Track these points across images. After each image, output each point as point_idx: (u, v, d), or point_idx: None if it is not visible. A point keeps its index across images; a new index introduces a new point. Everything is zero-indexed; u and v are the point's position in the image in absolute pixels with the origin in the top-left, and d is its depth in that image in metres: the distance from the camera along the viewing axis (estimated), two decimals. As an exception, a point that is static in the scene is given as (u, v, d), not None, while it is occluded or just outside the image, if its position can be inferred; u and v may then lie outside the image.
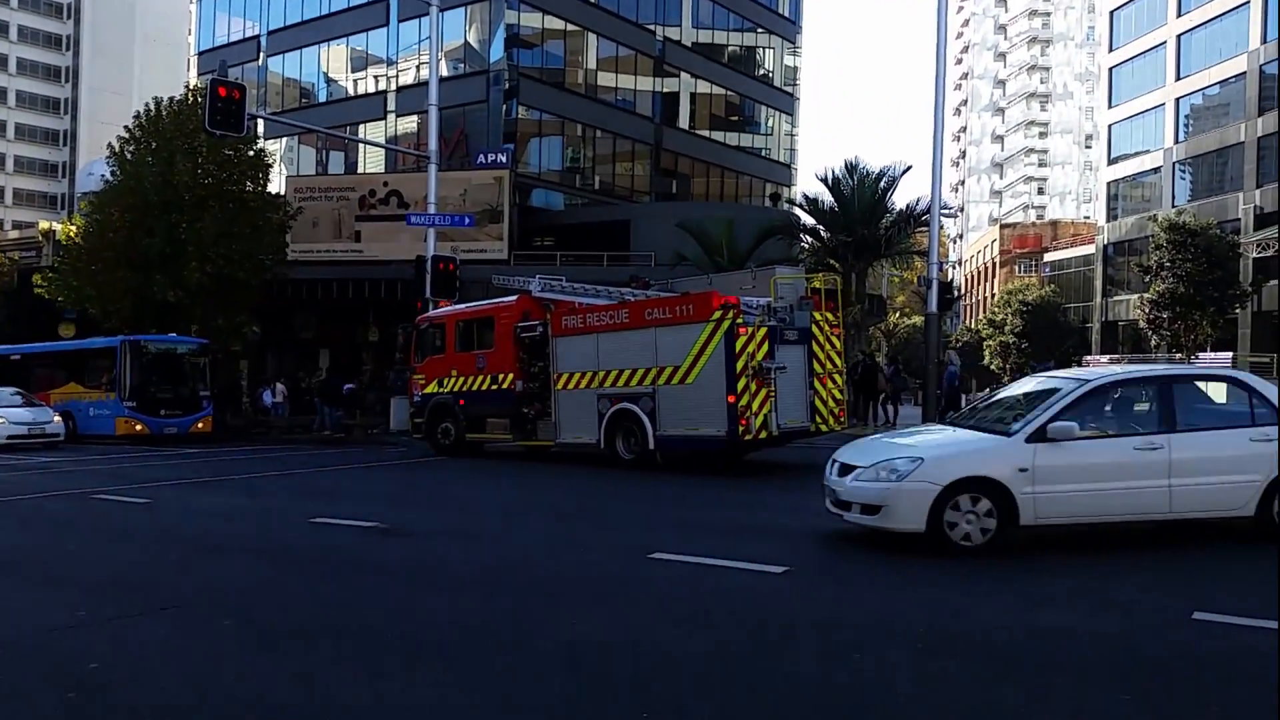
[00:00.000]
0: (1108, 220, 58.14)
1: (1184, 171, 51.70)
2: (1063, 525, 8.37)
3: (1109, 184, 58.06)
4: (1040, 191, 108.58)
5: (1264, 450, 8.09)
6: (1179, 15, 51.40)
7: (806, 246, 30.95)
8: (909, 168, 29.16)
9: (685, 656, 5.38)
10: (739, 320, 14.42)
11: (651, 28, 46.22)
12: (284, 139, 46.38)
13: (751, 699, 4.64)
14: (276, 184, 37.94)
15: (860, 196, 28.55)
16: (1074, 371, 10.12)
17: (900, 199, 63.33)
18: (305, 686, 5.02)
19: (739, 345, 14.29)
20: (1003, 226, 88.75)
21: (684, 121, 48.60)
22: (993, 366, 64.52)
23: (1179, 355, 43.46)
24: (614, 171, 46.08)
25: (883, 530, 8.28)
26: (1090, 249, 62.60)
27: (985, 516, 7.97)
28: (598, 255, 36.20)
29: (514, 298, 18.57)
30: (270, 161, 33.94)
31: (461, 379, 19.10)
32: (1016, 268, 78.13)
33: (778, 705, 4.54)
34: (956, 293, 68.98)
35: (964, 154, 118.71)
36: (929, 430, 10.77)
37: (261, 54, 48.17)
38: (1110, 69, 58.06)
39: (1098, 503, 8.10)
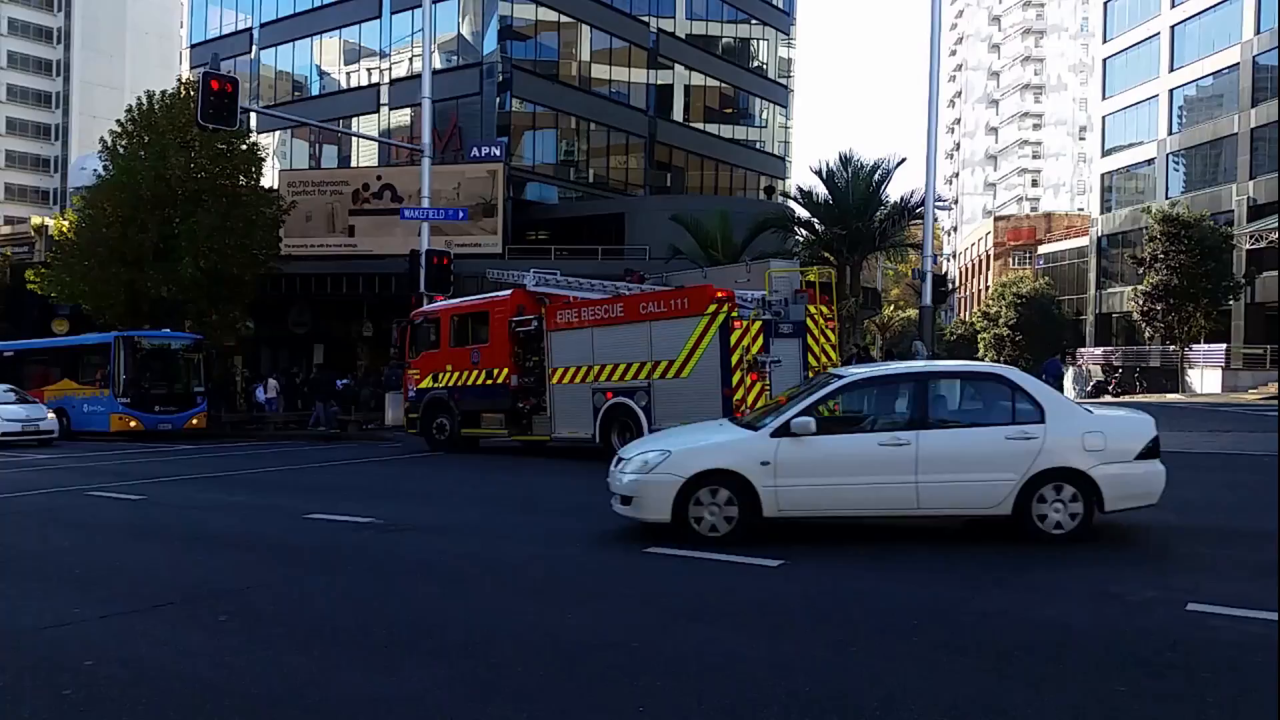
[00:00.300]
0: (1101, 212, 58.23)
1: (1177, 163, 51.78)
2: (809, 518, 8.49)
3: (1103, 176, 58.13)
4: (1034, 184, 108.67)
5: (1020, 448, 8.03)
6: (1172, 6, 51.44)
7: (801, 239, 30.98)
8: (903, 160, 29.20)
9: (680, 652, 5.40)
10: (734, 314, 14.44)
11: (645, 19, 46.14)
12: (277, 133, 46.27)
13: (747, 694, 4.65)
14: (269, 178, 37.86)
15: (854, 189, 28.55)
16: (869, 367, 10.18)
17: (895, 191, 63.14)
18: (299, 681, 5.02)
19: (734, 339, 14.31)
20: (997, 219, 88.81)
21: (678, 114, 48.56)
22: (987, 359, 64.63)
23: (1173, 347, 43.60)
24: (608, 165, 46.04)
25: (638, 520, 8.59)
26: (1084, 241, 62.71)
27: (727, 507, 8.22)
28: (592, 249, 36.20)
29: (508, 292, 18.54)
30: (263, 155, 33.84)
31: (456, 374, 19.07)
32: (1011, 260, 78.20)
33: (775, 700, 4.55)
34: (951, 285, 69.06)
35: (958, 146, 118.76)
36: (705, 426, 10.87)
37: (254, 47, 48.02)
38: (1104, 60, 58.09)
39: (840, 497, 8.24)
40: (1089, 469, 7.98)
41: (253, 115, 39.00)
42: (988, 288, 75.81)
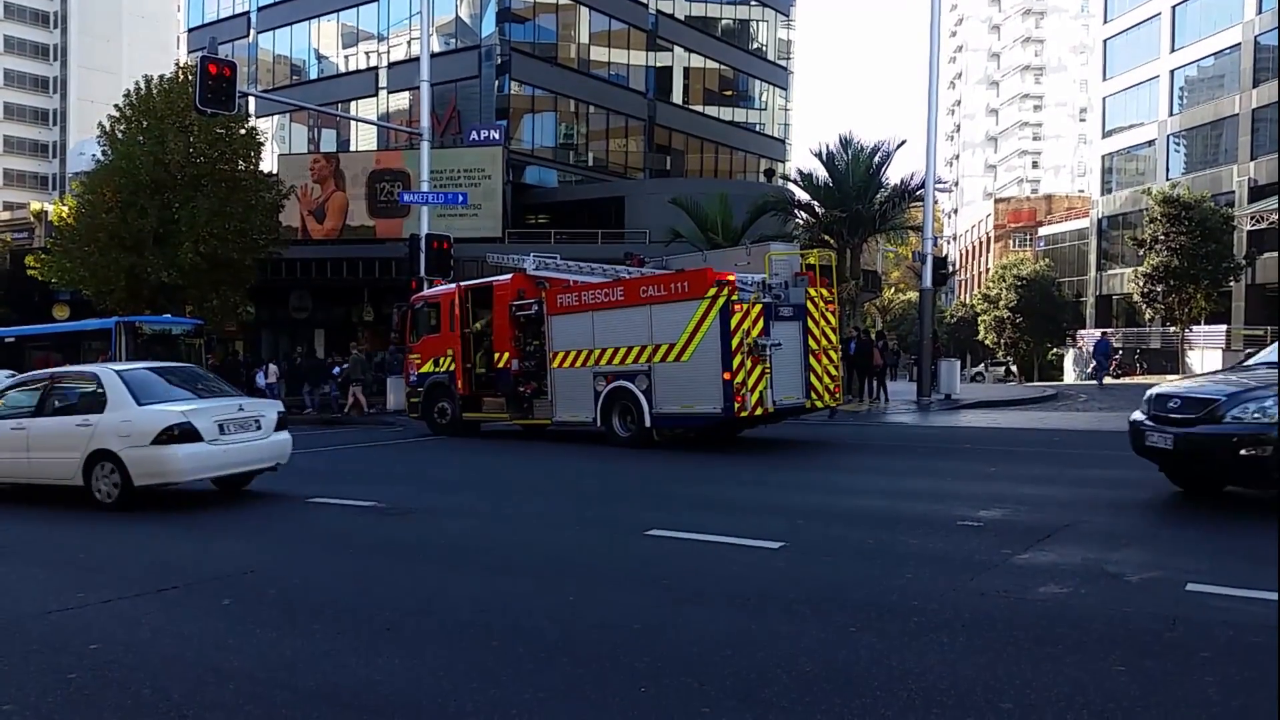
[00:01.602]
0: (1102, 194, 58.07)
1: (1178, 144, 51.61)
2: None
3: (1103, 157, 57.94)
4: (1034, 165, 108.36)
5: (83, 433, 10.40)
6: (1174, -14, 51.17)
7: (801, 222, 30.85)
8: (903, 142, 29.06)
9: (681, 634, 5.42)
10: (734, 297, 14.40)
11: (644, 1, 45.90)
12: (275, 117, 46.12)
13: (744, 682, 4.67)
14: (268, 163, 37.76)
15: (855, 172, 28.42)
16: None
17: (895, 174, 62.80)
18: (302, 665, 5.05)
19: (734, 322, 14.28)
20: (997, 201, 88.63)
21: (677, 96, 48.36)
22: (987, 341, 64.63)
23: (1173, 328, 43.57)
24: (608, 148, 45.90)
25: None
26: (1084, 223, 62.57)
27: None
28: (592, 233, 36.16)
29: (509, 276, 18.50)
30: (262, 140, 33.72)
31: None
32: (1011, 242, 78.08)
33: (776, 680, 4.57)
34: (951, 268, 68.86)
35: (958, 128, 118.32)
36: None
37: (252, 30, 47.81)
38: (1105, 41, 57.80)
39: None
40: (119, 451, 10.18)
41: (251, 99, 38.91)
42: (988, 270, 75.70)
